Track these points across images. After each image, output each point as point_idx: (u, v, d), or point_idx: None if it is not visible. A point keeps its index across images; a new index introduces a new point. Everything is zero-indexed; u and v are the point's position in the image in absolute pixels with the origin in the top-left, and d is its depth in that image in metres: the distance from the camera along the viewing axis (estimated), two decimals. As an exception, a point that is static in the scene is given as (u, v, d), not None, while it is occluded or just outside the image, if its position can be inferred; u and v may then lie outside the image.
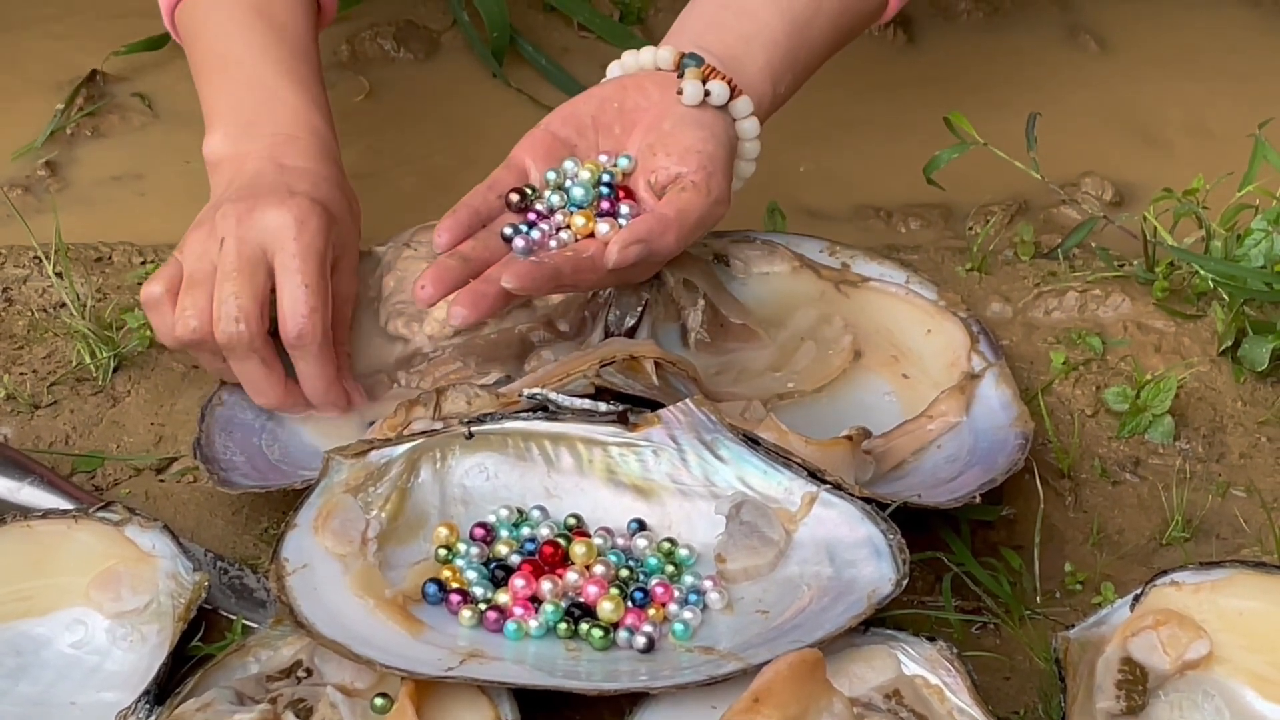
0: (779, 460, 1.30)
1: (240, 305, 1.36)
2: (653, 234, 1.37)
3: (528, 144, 1.44)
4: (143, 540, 1.28)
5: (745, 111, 1.44)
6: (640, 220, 1.38)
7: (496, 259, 1.38)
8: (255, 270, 1.37)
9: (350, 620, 1.21)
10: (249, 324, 1.36)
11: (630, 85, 1.45)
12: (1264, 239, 1.52)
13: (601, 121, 1.44)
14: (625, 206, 1.40)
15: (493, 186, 1.41)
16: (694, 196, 1.38)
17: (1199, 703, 1.21)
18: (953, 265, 1.60)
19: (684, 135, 1.41)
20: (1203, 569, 1.25)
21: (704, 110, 1.43)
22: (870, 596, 1.22)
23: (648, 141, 1.42)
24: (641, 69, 1.46)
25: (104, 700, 1.22)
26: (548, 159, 1.43)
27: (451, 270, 1.36)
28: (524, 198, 1.40)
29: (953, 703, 1.19)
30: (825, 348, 1.47)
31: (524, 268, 1.34)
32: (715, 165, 1.40)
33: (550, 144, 1.43)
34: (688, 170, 1.39)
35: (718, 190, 1.40)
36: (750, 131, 1.44)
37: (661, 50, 1.45)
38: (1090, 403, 1.48)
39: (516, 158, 1.43)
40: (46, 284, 1.55)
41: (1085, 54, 1.94)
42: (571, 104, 1.46)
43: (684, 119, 1.42)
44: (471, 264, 1.37)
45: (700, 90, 1.42)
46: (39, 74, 1.84)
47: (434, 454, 1.31)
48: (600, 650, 1.23)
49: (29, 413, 1.45)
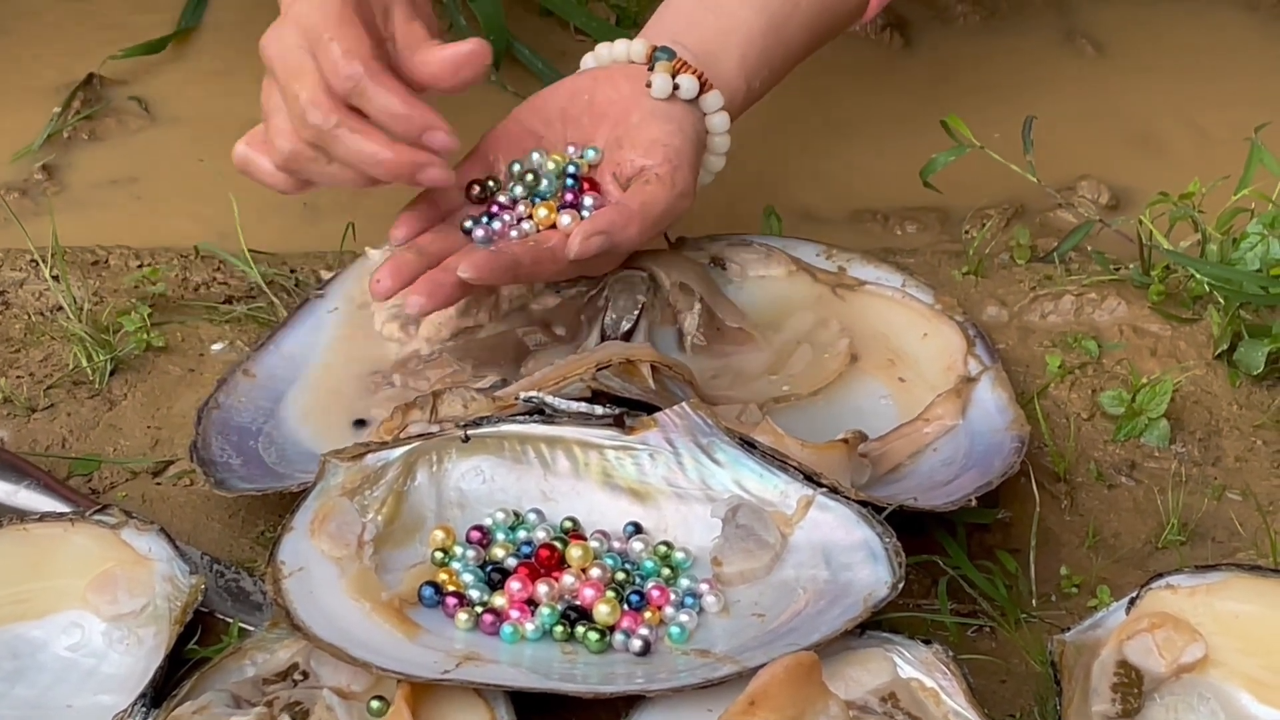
0: (775, 463, 1.30)
1: (305, 98, 1.32)
2: (614, 226, 1.37)
3: (494, 136, 1.44)
4: (139, 543, 1.28)
5: (715, 106, 1.44)
6: (603, 212, 1.39)
7: (455, 251, 1.38)
8: (301, 60, 1.33)
9: (346, 623, 1.21)
10: (320, 107, 1.32)
11: (601, 78, 1.45)
12: (1260, 242, 1.52)
13: (570, 113, 1.45)
14: (589, 198, 1.41)
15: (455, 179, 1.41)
16: (658, 189, 1.39)
17: (1194, 706, 1.21)
18: (949, 269, 1.60)
19: (651, 128, 1.42)
20: (1198, 572, 1.25)
21: (673, 104, 1.43)
22: (866, 599, 1.22)
23: (615, 134, 1.42)
24: (615, 61, 1.46)
25: (100, 703, 1.22)
26: (514, 150, 1.43)
27: (409, 263, 1.36)
28: (484, 189, 1.41)
29: (948, 706, 1.19)
30: (821, 351, 1.47)
31: (482, 257, 1.34)
32: (681, 159, 1.41)
33: (517, 135, 1.44)
34: (653, 163, 1.40)
35: (682, 183, 1.40)
36: (720, 126, 1.45)
37: (635, 44, 1.45)
38: (1086, 406, 1.48)
39: (482, 149, 1.44)
40: (43, 287, 1.55)
41: (1082, 57, 1.94)
42: (541, 95, 1.46)
43: (652, 112, 1.42)
44: (429, 257, 1.37)
45: (669, 84, 1.42)
46: (36, 77, 1.84)
47: (430, 457, 1.31)
48: (596, 653, 1.23)
49: (25, 416, 1.45)
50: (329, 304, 1.51)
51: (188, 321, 1.52)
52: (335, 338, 1.48)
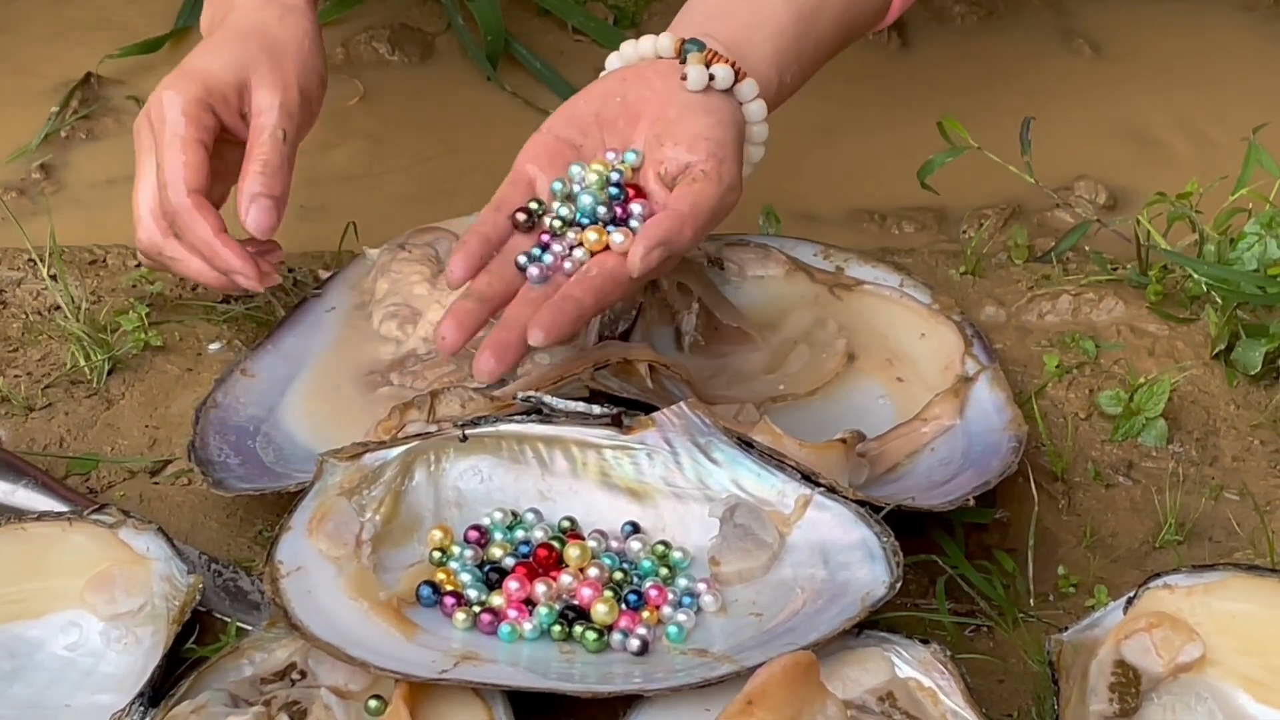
0: (773, 463, 1.30)
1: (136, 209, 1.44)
2: (671, 234, 1.32)
3: (531, 151, 1.39)
4: (137, 543, 1.28)
5: (751, 94, 1.40)
6: (655, 222, 1.33)
7: (513, 291, 1.33)
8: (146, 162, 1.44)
9: (344, 622, 1.21)
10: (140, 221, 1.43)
11: (631, 76, 1.41)
12: (1257, 243, 1.52)
13: (605, 117, 1.40)
14: (637, 206, 1.36)
15: (500, 207, 1.37)
16: (706, 187, 1.34)
17: (1192, 705, 1.21)
18: (947, 269, 1.60)
19: (691, 122, 1.37)
20: (1196, 572, 1.25)
21: (709, 95, 1.38)
22: (864, 599, 1.22)
23: (654, 132, 1.38)
24: (642, 59, 1.42)
25: (98, 703, 1.22)
26: (553, 165, 1.38)
27: (471, 313, 1.32)
28: (530, 215, 1.36)
29: (946, 705, 1.19)
30: (819, 351, 1.47)
31: (547, 317, 1.29)
32: (725, 151, 1.36)
33: (554, 148, 1.39)
34: (697, 159, 1.36)
35: (729, 177, 1.36)
36: (758, 114, 1.41)
37: (662, 38, 1.41)
38: (1084, 406, 1.48)
39: (521, 168, 1.39)
40: (41, 287, 1.55)
41: (1079, 58, 1.94)
42: (572, 104, 1.42)
43: (690, 105, 1.38)
44: (489, 302, 1.33)
45: (704, 75, 1.38)
46: (34, 77, 1.84)
47: (428, 457, 1.31)
48: (594, 653, 1.23)
49: (23, 415, 1.45)
50: (327, 303, 1.51)
51: (186, 321, 1.52)
52: (333, 337, 1.48)
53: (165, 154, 1.41)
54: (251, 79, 1.45)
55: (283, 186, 1.43)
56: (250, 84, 1.45)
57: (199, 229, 1.41)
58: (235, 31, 1.47)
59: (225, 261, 1.41)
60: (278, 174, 1.42)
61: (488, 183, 1.74)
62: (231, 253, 1.40)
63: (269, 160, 1.42)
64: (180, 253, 1.43)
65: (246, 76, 1.45)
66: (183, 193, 1.40)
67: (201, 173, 1.41)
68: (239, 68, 1.45)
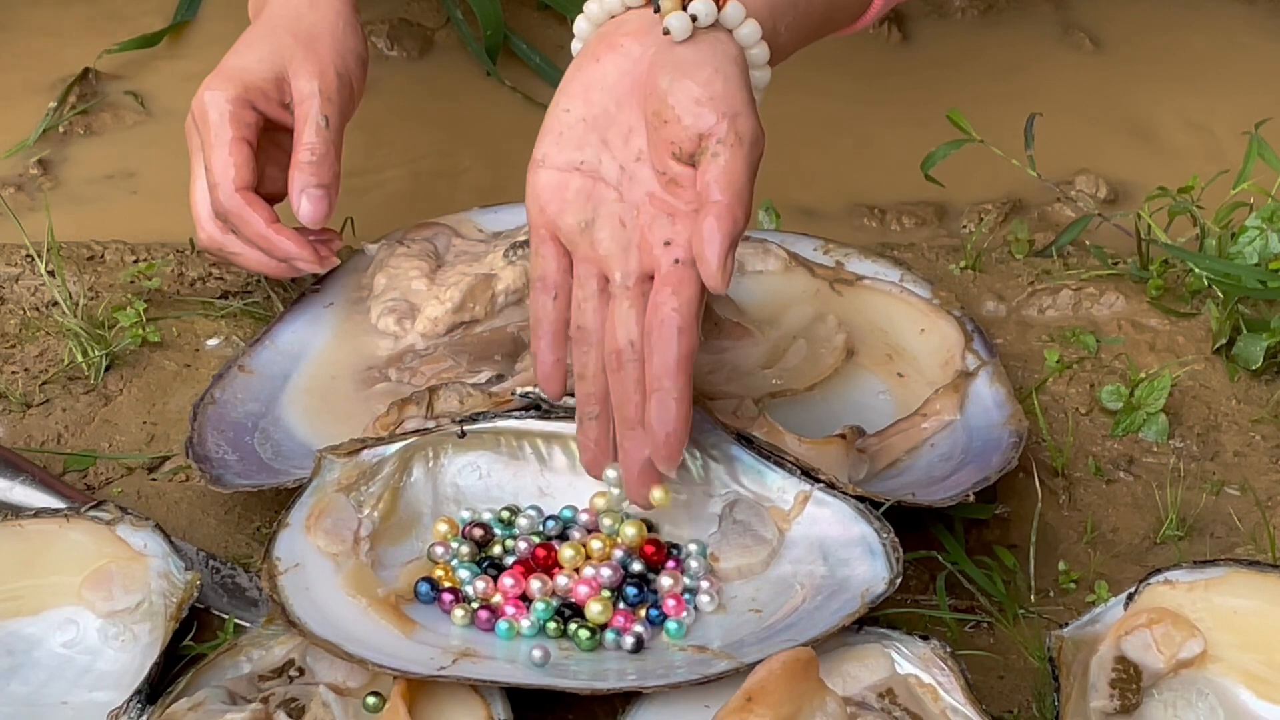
0: (772, 459, 1.29)
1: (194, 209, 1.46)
2: (730, 232, 1.21)
3: (539, 196, 1.26)
4: (134, 539, 1.27)
5: (739, 18, 1.25)
6: (708, 227, 1.20)
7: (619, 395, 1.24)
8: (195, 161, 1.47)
9: (342, 619, 1.21)
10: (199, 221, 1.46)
11: (604, 52, 1.26)
12: (1258, 237, 1.52)
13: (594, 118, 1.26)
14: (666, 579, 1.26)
15: (544, 283, 1.27)
16: (730, 156, 1.21)
17: (1193, 701, 1.21)
18: (947, 263, 1.59)
19: (686, 86, 1.22)
20: (1197, 567, 1.25)
21: (697, 42, 1.23)
22: (864, 595, 1.22)
23: (651, 109, 1.23)
24: (610, 15, 1.28)
25: (96, 700, 1.22)
26: (578, 202, 1.25)
27: (593, 430, 1.27)
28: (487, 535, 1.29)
29: (946, 702, 1.19)
30: (819, 346, 1.46)
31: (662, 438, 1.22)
32: (734, 102, 1.22)
33: (560, 181, 1.26)
34: (708, 125, 1.22)
35: (748, 130, 1.23)
36: (751, 37, 1.25)
37: None
38: (1084, 401, 1.48)
39: (541, 220, 1.26)
40: (39, 282, 1.54)
41: (1080, 52, 1.94)
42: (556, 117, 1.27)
43: (679, 64, 1.23)
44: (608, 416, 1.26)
45: (687, 21, 1.23)
46: (32, 72, 1.84)
47: (426, 453, 1.31)
48: (588, 650, 1.23)
49: (20, 412, 1.45)
50: (325, 299, 1.50)
51: (184, 317, 1.52)
52: (332, 333, 1.48)
53: (211, 156, 1.44)
54: (289, 69, 1.47)
55: (331, 173, 1.45)
56: (288, 74, 1.47)
57: (252, 223, 1.44)
58: (268, 24, 1.50)
59: (283, 249, 1.44)
60: (324, 161, 1.45)
61: (487, 178, 1.74)
62: (287, 239, 1.44)
63: (315, 148, 1.45)
64: (240, 248, 1.46)
65: (283, 68, 1.47)
66: (231, 191, 1.43)
67: (247, 170, 1.44)
68: (274, 60, 1.47)
